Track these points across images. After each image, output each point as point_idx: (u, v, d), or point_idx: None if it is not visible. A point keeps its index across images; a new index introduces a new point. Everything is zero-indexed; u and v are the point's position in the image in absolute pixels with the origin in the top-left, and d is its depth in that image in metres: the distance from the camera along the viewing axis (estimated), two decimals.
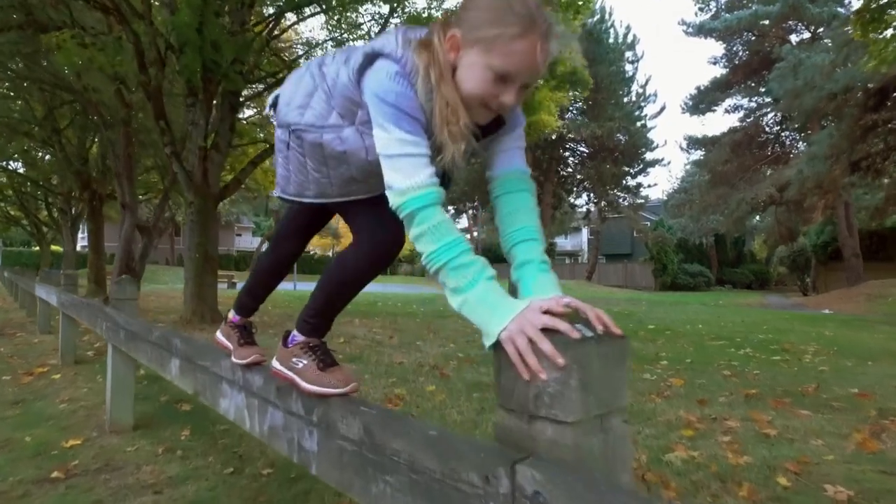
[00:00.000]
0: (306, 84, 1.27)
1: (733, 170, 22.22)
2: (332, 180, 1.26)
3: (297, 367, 1.26)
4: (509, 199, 1.18)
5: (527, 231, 1.13)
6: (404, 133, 1.03)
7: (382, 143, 1.04)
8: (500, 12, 1.02)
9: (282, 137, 1.32)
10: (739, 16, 22.06)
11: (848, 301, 17.44)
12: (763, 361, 5.67)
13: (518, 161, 1.23)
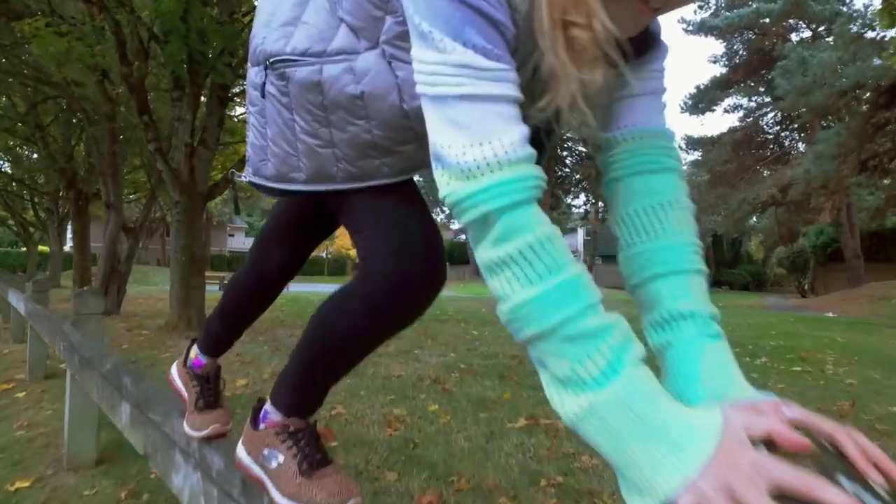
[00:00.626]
0: None
1: (733, 170, 21.98)
2: (337, 149, 0.77)
3: (269, 467, 0.85)
4: (645, 185, 0.69)
5: (680, 252, 0.66)
6: (474, 52, 0.56)
7: (430, 71, 0.58)
8: None
9: (255, 80, 0.84)
10: (740, 13, 21.77)
11: (850, 303, 17.23)
12: (784, 373, 5.35)
13: (658, 116, 0.74)
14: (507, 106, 0.57)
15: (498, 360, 5.82)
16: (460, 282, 32.66)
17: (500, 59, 0.57)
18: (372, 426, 3.26)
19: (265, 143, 0.85)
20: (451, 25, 0.57)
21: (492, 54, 0.57)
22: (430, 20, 0.58)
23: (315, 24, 0.76)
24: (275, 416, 0.88)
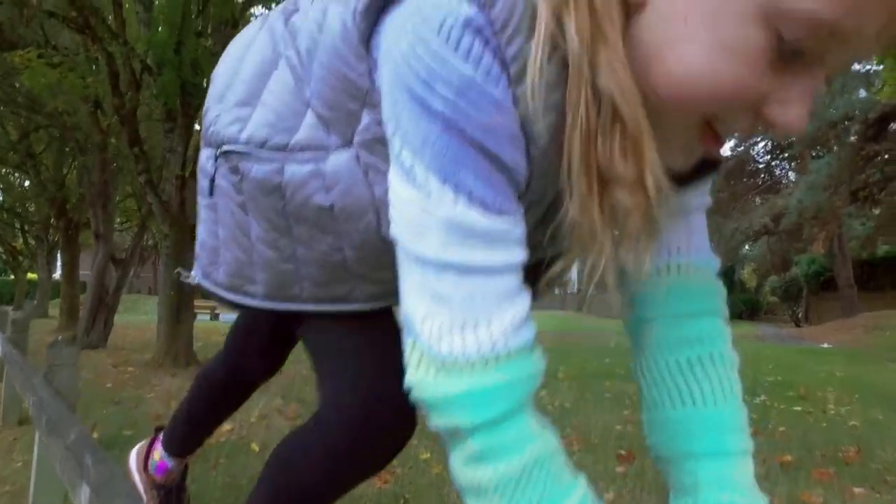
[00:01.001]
0: (258, 52, 0.66)
1: (726, 199, 22.14)
2: (301, 266, 0.63)
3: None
4: (686, 331, 0.58)
5: (726, 427, 0.56)
6: (469, 204, 0.44)
7: (409, 218, 0.46)
8: None
9: (206, 167, 0.70)
10: None
11: (845, 333, 17.17)
12: (785, 413, 5.23)
13: (703, 240, 0.62)
14: (505, 278, 0.47)
15: None
16: None
17: (502, 213, 0.46)
18: None
19: (216, 244, 0.71)
20: (441, 163, 0.43)
21: (493, 208, 0.45)
22: (414, 148, 0.44)
23: (276, 107, 0.61)
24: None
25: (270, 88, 0.62)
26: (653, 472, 3.33)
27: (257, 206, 0.64)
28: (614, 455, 3.68)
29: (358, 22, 0.50)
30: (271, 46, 0.64)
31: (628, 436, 4.30)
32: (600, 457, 3.66)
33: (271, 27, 0.66)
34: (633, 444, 3.99)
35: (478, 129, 0.43)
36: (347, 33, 0.51)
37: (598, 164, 0.43)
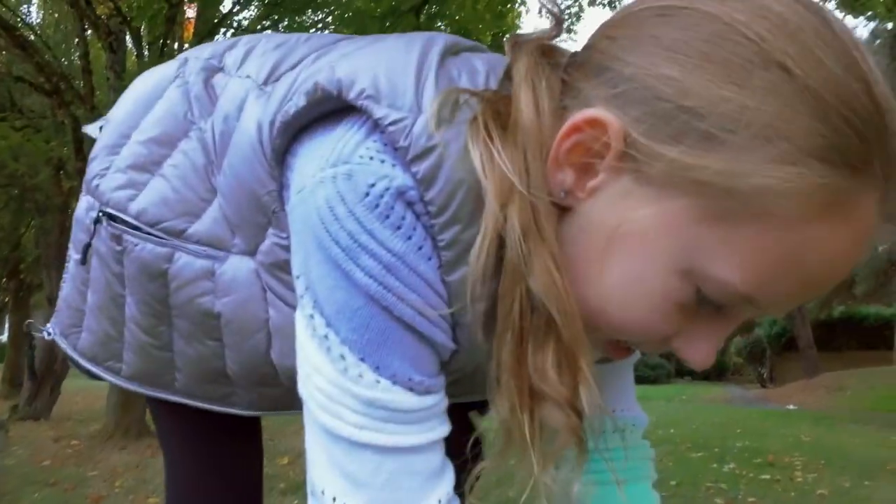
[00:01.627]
0: (167, 110, 0.56)
1: None
2: (178, 359, 0.57)
3: None
4: (632, 499, 0.56)
5: None
6: (392, 385, 0.40)
7: (322, 388, 0.41)
8: (797, 103, 0.34)
9: (82, 219, 0.59)
10: None
11: (809, 394, 17.45)
12: (753, 482, 5.19)
13: (633, 394, 0.61)
14: (430, 456, 0.42)
15: None
16: None
17: (429, 392, 0.42)
18: None
19: (82, 308, 0.62)
20: (362, 340, 0.39)
21: (419, 388, 0.41)
22: (328, 317, 0.39)
23: (178, 186, 0.53)
24: None
25: (175, 161, 0.54)
26: None
27: (138, 286, 0.56)
28: None
29: (274, 136, 0.45)
30: (183, 108, 0.54)
31: None
32: None
33: (187, 83, 0.56)
34: None
35: (406, 308, 0.39)
36: (260, 143, 0.47)
37: (529, 375, 0.40)
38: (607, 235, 0.39)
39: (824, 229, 0.35)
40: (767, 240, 0.36)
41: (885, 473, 5.61)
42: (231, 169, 0.49)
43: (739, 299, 0.39)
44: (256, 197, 0.47)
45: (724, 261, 0.37)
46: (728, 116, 0.34)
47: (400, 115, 0.39)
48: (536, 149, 0.39)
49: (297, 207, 0.42)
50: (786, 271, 0.37)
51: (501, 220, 0.38)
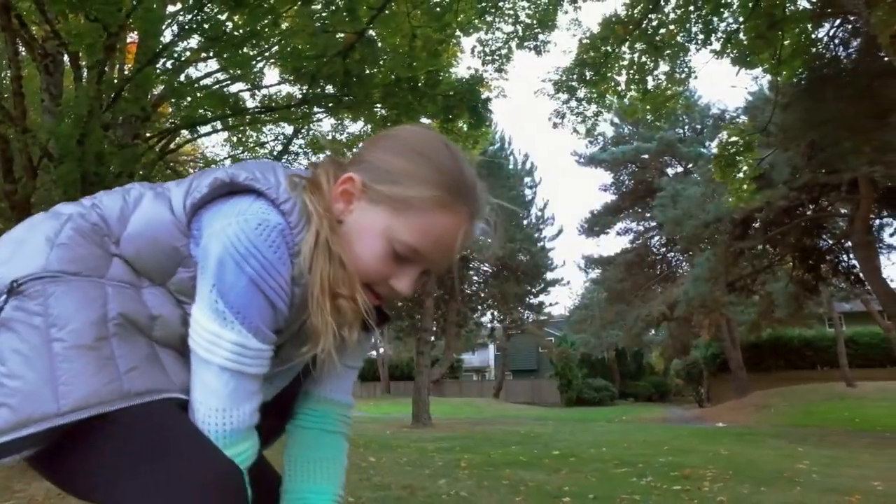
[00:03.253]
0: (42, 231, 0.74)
1: (628, 287, 23.65)
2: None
3: None
4: (323, 441, 0.87)
5: (326, 498, 0.83)
6: (249, 333, 0.69)
7: (208, 338, 0.69)
8: (425, 166, 0.75)
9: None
10: (623, 149, 24.70)
11: (738, 412, 18.32)
12: (664, 493, 5.53)
13: (349, 389, 0.93)
14: (254, 382, 0.73)
15: (390, 491, 5.62)
16: (371, 399, 31.56)
17: (265, 341, 0.72)
18: None
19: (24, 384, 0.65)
20: (241, 309, 0.69)
21: (266, 339, 0.72)
22: (225, 300, 0.69)
23: (82, 257, 0.73)
24: None
25: (63, 248, 0.75)
26: None
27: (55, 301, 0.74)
28: None
29: (187, 211, 0.76)
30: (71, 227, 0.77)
31: None
32: None
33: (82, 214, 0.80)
34: None
35: (269, 289, 0.71)
36: (175, 218, 0.76)
37: (331, 288, 0.74)
38: (357, 230, 0.78)
39: (446, 221, 0.76)
40: (425, 221, 0.75)
41: (781, 481, 6.09)
42: (144, 236, 0.76)
43: (414, 252, 0.76)
44: (173, 248, 0.76)
45: (403, 233, 0.75)
46: (402, 173, 0.76)
47: (270, 187, 0.74)
48: (327, 196, 0.79)
49: (211, 240, 0.72)
50: (433, 238, 0.76)
51: (318, 229, 0.75)
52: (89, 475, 0.68)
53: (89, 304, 0.69)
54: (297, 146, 9.59)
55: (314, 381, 0.90)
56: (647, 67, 7.68)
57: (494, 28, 7.75)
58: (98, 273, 0.72)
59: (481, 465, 7.50)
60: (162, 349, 0.74)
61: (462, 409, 22.00)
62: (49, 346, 0.65)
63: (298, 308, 0.77)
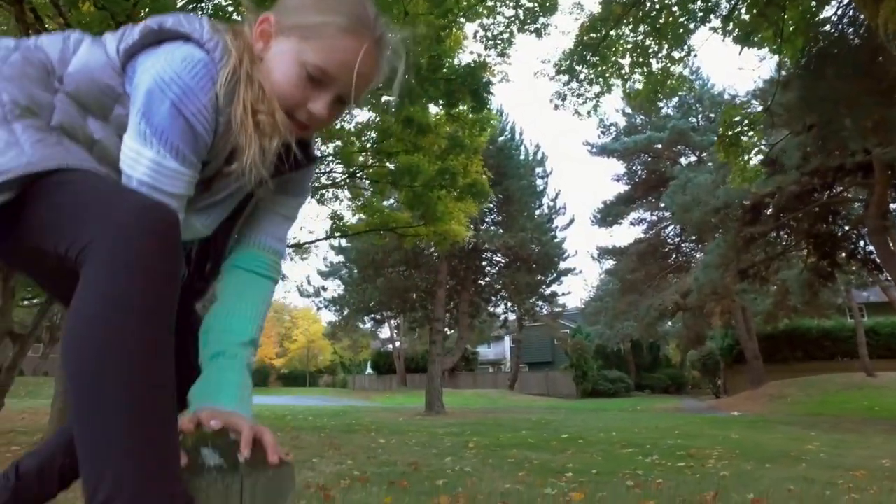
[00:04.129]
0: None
1: (641, 278, 23.50)
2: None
3: None
4: (253, 283, 0.94)
5: (247, 327, 0.89)
6: (170, 154, 0.75)
7: (132, 156, 0.76)
8: (328, 0, 0.86)
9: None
10: (636, 139, 24.51)
11: (754, 402, 18.15)
12: (668, 469, 5.56)
13: (282, 238, 0.99)
14: (173, 202, 0.77)
15: (394, 467, 5.73)
16: (386, 392, 31.80)
17: (185, 163, 0.78)
18: None
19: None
20: (162, 129, 0.76)
21: (185, 160, 0.78)
22: (148, 121, 0.76)
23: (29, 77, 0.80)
24: None
25: None
26: None
27: None
28: None
29: (122, 56, 0.84)
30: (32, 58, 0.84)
31: (514, 493, 4.48)
32: None
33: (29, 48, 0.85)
34: (515, 499, 4.19)
35: (190, 113, 0.77)
36: (110, 60, 0.84)
37: (252, 107, 0.82)
38: (275, 61, 0.87)
39: (348, 43, 0.84)
40: (330, 44, 0.84)
41: (787, 459, 6.09)
42: (83, 73, 0.83)
43: (323, 73, 0.85)
44: (108, 86, 0.83)
45: (312, 55, 0.84)
46: (309, 6, 0.86)
47: (195, 31, 0.82)
48: (248, 38, 0.88)
49: (143, 75, 0.79)
50: (338, 59, 0.84)
51: (238, 61, 0.83)
52: (36, 232, 0.70)
53: (39, 104, 0.77)
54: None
55: (249, 226, 0.98)
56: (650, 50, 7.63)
57: (496, 13, 7.79)
58: (49, 93, 0.80)
59: (489, 446, 7.58)
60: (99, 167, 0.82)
61: (476, 400, 22.10)
62: (10, 124, 0.73)
63: (223, 138, 0.84)
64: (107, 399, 0.55)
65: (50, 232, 0.67)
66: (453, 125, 9.10)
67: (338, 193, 12.45)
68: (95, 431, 0.55)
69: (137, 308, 0.57)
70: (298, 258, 15.63)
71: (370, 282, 21.24)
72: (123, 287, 0.58)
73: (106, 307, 0.57)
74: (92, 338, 0.56)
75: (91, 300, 0.58)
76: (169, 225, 0.64)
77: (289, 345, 46.76)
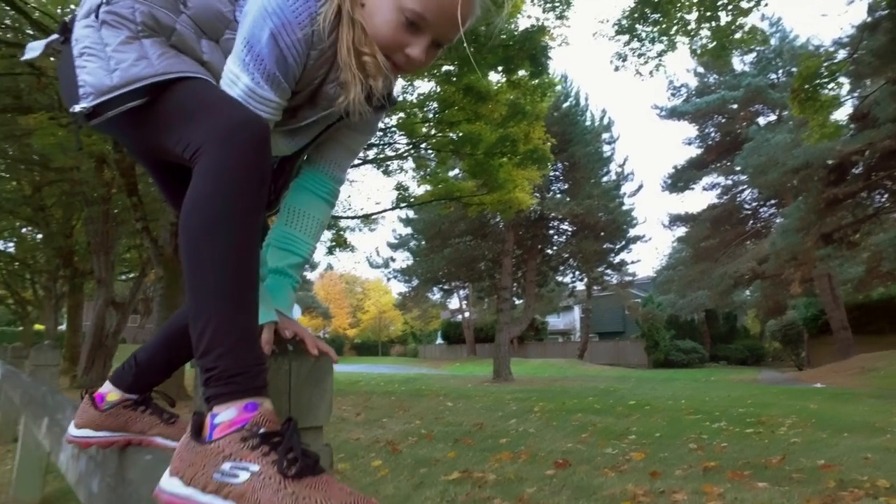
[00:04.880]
0: None
1: (715, 245, 22.53)
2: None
3: (233, 484, 0.61)
4: (314, 203, 1.05)
5: (307, 247, 1.02)
6: (262, 80, 0.84)
7: (230, 77, 0.86)
8: None
9: (86, 15, 0.92)
10: (708, 100, 23.19)
11: (840, 374, 17.12)
12: (734, 434, 5.49)
13: (345, 168, 1.10)
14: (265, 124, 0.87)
15: (460, 427, 5.98)
16: (456, 361, 32.41)
17: (276, 91, 0.86)
18: None
19: (105, 57, 0.87)
20: (261, 58, 0.84)
21: (276, 86, 0.86)
22: (249, 49, 0.84)
23: None
24: (225, 412, 0.65)
25: None
26: (577, 477, 3.65)
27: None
28: (552, 463, 4.01)
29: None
30: None
31: (575, 451, 4.60)
32: (538, 465, 3.99)
33: None
34: (575, 457, 4.30)
35: (285, 45, 0.83)
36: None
37: (355, 48, 0.89)
38: (375, 6, 0.88)
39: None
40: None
41: (867, 429, 5.81)
42: (203, 2, 0.94)
43: (421, 19, 0.87)
44: (220, 13, 0.94)
45: (411, 1, 0.85)
46: None
47: None
48: None
49: (252, 4, 0.86)
50: (437, 5, 0.85)
51: (340, 2, 0.88)
52: (162, 130, 0.84)
53: (163, 25, 0.91)
54: None
55: (318, 152, 1.08)
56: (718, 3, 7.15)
57: None
58: (174, 13, 0.93)
59: (554, 410, 7.70)
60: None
61: (544, 369, 22.18)
62: (140, 41, 0.88)
63: (312, 71, 0.92)
64: (206, 273, 0.69)
65: (173, 132, 0.81)
66: (514, 92, 9.03)
67: (402, 165, 12.70)
68: (199, 297, 0.69)
69: (234, 203, 0.70)
70: (367, 229, 16.07)
71: (437, 252, 21.56)
72: (224, 186, 0.71)
73: (209, 200, 0.71)
74: (198, 222, 0.70)
75: (199, 193, 0.71)
76: (263, 138, 0.75)
77: (361, 315, 48.45)
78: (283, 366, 0.74)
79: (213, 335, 0.67)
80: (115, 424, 1.00)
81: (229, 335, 0.67)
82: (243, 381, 0.66)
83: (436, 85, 9.44)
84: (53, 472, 3.13)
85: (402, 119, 10.20)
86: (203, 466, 0.63)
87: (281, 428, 0.65)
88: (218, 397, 0.66)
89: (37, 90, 7.92)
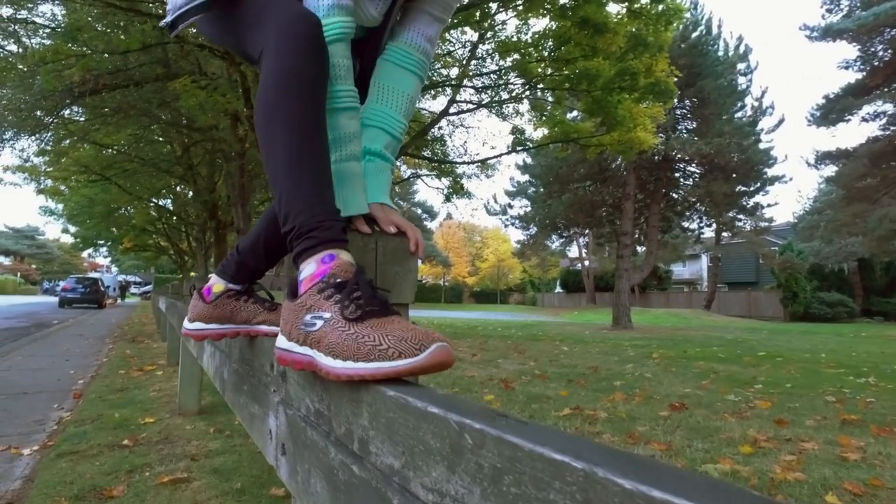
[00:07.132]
0: None
1: (874, 185, 19.79)
2: None
3: (311, 332, 0.67)
4: (399, 76, 1.04)
5: (398, 124, 1.02)
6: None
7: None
8: None
9: None
10: (877, 11, 19.83)
11: None
12: (883, 391, 4.96)
13: (431, 35, 1.08)
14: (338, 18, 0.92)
15: (575, 369, 5.98)
16: (575, 309, 32.13)
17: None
18: None
19: None
20: None
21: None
22: None
23: None
24: (310, 269, 0.71)
25: None
26: (693, 419, 3.53)
27: None
28: (667, 406, 3.91)
29: None
30: None
31: (693, 395, 4.43)
32: (653, 406, 3.90)
33: None
34: (693, 401, 4.15)
35: None
36: None
37: None
38: None
39: None
40: None
41: None
42: None
43: None
44: None
45: None
46: None
47: None
48: None
49: None
50: None
51: None
52: (241, 35, 0.94)
53: None
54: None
55: (401, 24, 1.07)
56: None
57: None
58: None
59: (674, 357, 7.43)
60: None
61: (667, 319, 21.30)
62: None
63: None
64: (276, 144, 0.77)
65: (244, 31, 0.92)
66: (635, 22, 8.39)
67: (518, 108, 12.43)
68: (272, 173, 0.78)
69: (295, 84, 0.78)
70: (484, 175, 16.08)
71: (555, 198, 21.07)
72: (285, 75, 0.79)
73: (275, 84, 0.79)
74: (266, 104, 0.79)
75: (267, 81, 0.80)
76: (312, 31, 0.82)
77: (480, 264, 49.29)
78: (369, 244, 0.79)
79: (287, 201, 0.75)
80: (222, 315, 1.05)
81: (299, 198, 0.75)
82: (319, 234, 0.72)
83: (550, 20, 9.04)
84: (208, 388, 3.64)
85: (516, 60, 9.92)
86: (294, 321, 0.70)
87: (353, 275, 0.69)
88: (301, 255, 0.73)
89: (181, 57, 8.72)
